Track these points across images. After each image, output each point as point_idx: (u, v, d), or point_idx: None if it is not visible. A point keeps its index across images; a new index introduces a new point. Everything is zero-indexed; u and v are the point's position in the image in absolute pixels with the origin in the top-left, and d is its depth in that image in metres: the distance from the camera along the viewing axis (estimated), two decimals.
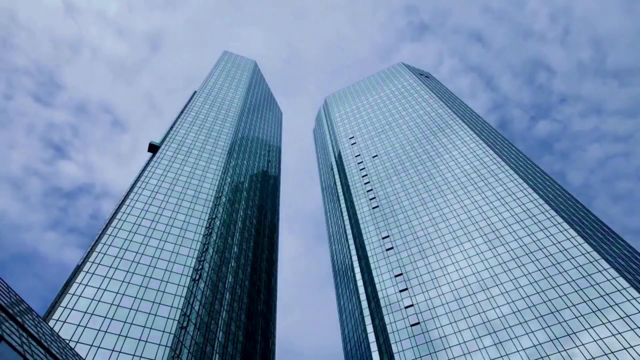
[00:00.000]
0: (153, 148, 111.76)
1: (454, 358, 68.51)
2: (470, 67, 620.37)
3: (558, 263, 74.56)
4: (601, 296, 66.25)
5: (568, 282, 70.75)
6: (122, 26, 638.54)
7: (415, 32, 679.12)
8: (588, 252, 73.66)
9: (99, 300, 64.09)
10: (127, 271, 71.15)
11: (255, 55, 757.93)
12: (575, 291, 68.83)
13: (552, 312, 67.57)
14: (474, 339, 69.80)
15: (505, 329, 68.93)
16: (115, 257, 72.95)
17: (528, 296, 71.87)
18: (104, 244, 74.82)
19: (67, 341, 56.05)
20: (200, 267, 79.55)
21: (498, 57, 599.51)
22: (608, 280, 67.88)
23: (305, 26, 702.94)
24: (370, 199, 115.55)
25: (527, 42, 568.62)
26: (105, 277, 68.45)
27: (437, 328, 74.28)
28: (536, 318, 68.03)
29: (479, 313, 73.32)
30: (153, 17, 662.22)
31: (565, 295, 69.01)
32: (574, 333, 63.28)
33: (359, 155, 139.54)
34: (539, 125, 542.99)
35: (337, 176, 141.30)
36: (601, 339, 60.96)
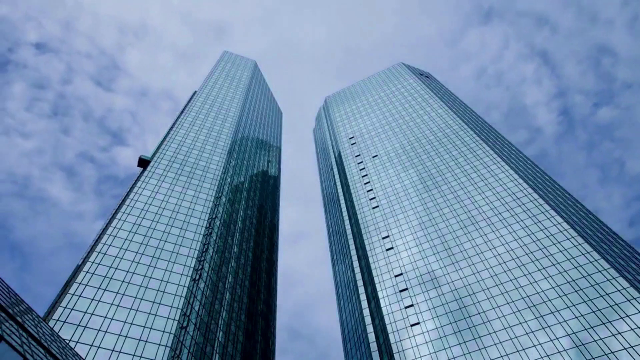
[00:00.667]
0: (143, 163, 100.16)
1: (454, 358, 68.51)
2: (535, 52, 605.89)
3: (558, 263, 74.56)
4: (601, 296, 66.25)
5: (568, 282, 70.75)
6: (186, 13, 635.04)
7: (481, 17, 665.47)
8: (588, 252, 73.66)
9: (99, 300, 64.09)
10: (127, 271, 71.15)
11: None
12: (575, 291, 68.82)
13: (552, 312, 67.58)
14: (474, 339, 69.80)
15: (505, 328, 68.93)
16: (115, 257, 72.94)
17: (528, 296, 71.87)
18: (104, 244, 74.82)
19: (67, 341, 56.05)
20: (200, 267, 79.55)
21: (564, 42, 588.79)
22: (608, 280, 67.89)
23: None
24: (370, 199, 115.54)
25: (593, 27, 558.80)
26: (105, 277, 68.44)
27: (437, 328, 74.28)
28: (536, 318, 68.02)
29: (478, 313, 73.32)
30: (218, 6, 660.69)
31: (566, 295, 69.02)
32: (574, 333, 63.28)
33: (359, 155, 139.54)
34: (601, 111, 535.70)
35: (337, 176, 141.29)
36: (601, 338, 60.97)
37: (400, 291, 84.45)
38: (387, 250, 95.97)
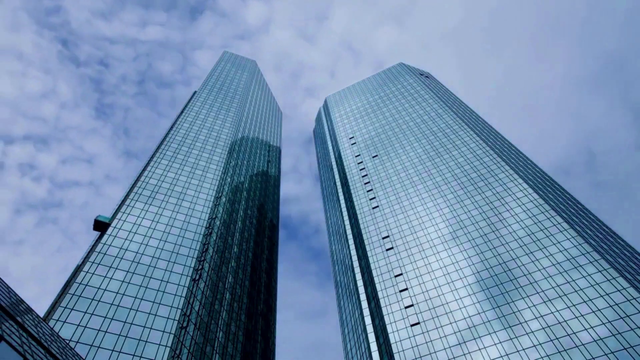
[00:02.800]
0: (100, 226, 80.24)
1: (454, 358, 68.51)
2: None
3: (558, 263, 74.56)
4: (601, 296, 66.26)
5: (568, 282, 70.75)
6: None
7: None
8: (588, 252, 73.66)
9: (99, 300, 64.10)
10: (127, 271, 71.17)
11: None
12: (575, 291, 68.83)
13: (551, 312, 67.58)
14: (474, 338, 69.81)
15: (505, 328, 68.94)
16: (115, 257, 72.95)
17: (528, 296, 71.87)
18: (104, 244, 74.83)
19: (67, 341, 56.04)
20: (200, 267, 79.55)
21: None
22: (608, 280, 67.88)
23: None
24: (370, 199, 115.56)
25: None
26: (105, 277, 68.46)
27: (437, 328, 74.29)
28: (536, 318, 68.03)
29: (478, 313, 73.33)
30: None
31: (565, 295, 69.02)
32: (574, 333, 63.29)
33: (359, 155, 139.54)
34: None
35: (337, 176, 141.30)
36: (601, 338, 60.98)
37: (400, 291, 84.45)
38: (387, 250, 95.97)
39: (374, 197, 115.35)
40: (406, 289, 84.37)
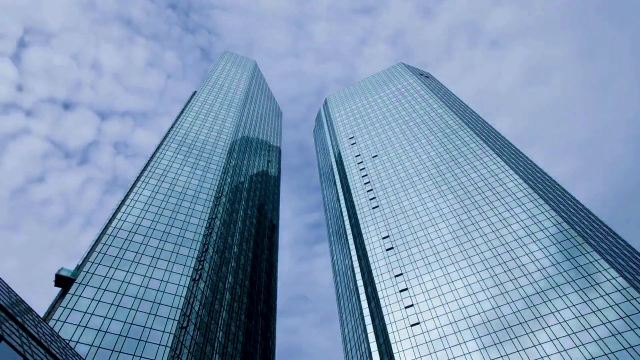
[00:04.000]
0: (62, 282, 66.34)
1: (454, 358, 68.50)
2: None
3: (558, 263, 74.56)
4: (601, 296, 66.26)
5: (568, 282, 70.76)
6: None
7: None
8: (588, 252, 73.66)
9: (99, 300, 64.10)
10: (127, 271, 71.17)
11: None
12: (575, 291, 68.83)
13: (551, 312, 67.58)
14: (474, 339, 69.81)
15: (505, 329, 68.94)
16: (115, 257, 72.96)
17: (528, 296, 71.88)
18: (104, 244, 74.84)
19: (67, 341, 56.04)
20: (200, 267, 79.56)
21: None
22: (608, 280, 67.89)
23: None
24: (370, 199, 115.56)
25: None
26: (105, 277, 68.46)
27: (437, 328, 74.29)
28: (536, 318, 68.03)
29: (479, 313, 73.33)
30: None
31: (565, 295, 69.02)
32: (574, 333, 63.29)
33: (359, 155, 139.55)
34: None
35: (337, 176, 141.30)
36: (601, 339, 60.98)
37: (400, 291, 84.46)
38: (387, 250, 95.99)
39: (374, 197, 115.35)
40: (406, 289, 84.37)
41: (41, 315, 62.47)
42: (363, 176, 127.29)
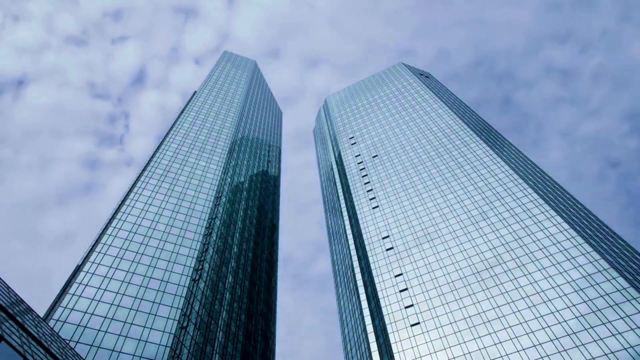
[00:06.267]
0: None
1: (454, 358, 68.49)
2: None
3: (558, 263, 74.57)
4: (601, 296, 66.26)
5: (568, 282, 70.76)
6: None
7: None
8: (588, 252, 73.67)
9: (99, 300, 64.10)
10: (127, 271, 71.17)
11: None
12: (575, 291, 68.83)
13: (552, 312, 67.58)
14: (474, 338, 69.80)
15: (505, 329, 68.94)
16: (115, 257, 72.96)
17: (528, 296, 71.87)
18: (104, 244, 74.83)
19: (67, 341, 56.04)
20: (200, 267, 79.56)
21: None
22: (608, 280, 67.89)
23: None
24: (370, 199, 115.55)
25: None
26: (105, 277, 68.46)
27: (437, 328, 74.29)
28: (536, 318, 68.03)
29: (479, 313, 73.32)
30: None
31: (565, 295, 69.02)
32: (574, 333, 63.28)
33: (359, 155, 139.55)
34: None
35: (337, 176, 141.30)
36: (601, 339, 60.98)
37: (400, 291, 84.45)
38: (387, 250, 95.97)
39: (374, 197, 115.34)
40: (406, 289, 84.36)
41: (41, 315, 62.47)
42: (363, 176, 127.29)
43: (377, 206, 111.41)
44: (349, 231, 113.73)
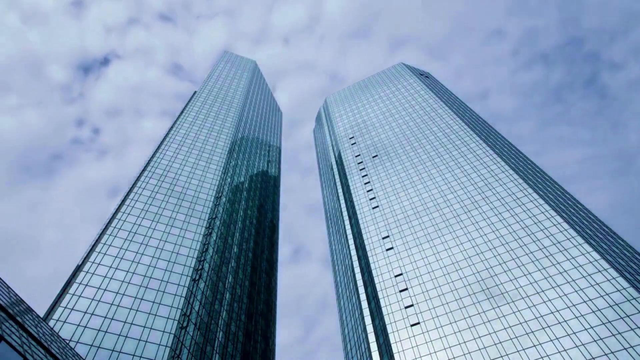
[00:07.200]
0: None
1: (454, 358, 68.49)
2: None
3: (558, 263, 74.57)
4: (601, 296, 66.26)
5: (568, 282, 70.76)
6: None
7: None
8: (588, 252, 73.68)
9: (99, 300, 64.09)
10: (127, 271, 71.17)
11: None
12: (575, 291, 68.83)
13: (551, 313, 67.58)
14: (474, 338, 69.81)
15: (505, 329, 68.94)
16: (115, 257, 72.96)
17: (528, 296, 71.87)
18: (104, 244, 74.83)
19: (67, 341, 56.05)
20: (200, 267, 79.55)
21: None
22: (608, 280, 67.89)
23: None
24: (370, 199, 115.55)
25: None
26: (105, 277, 68.46)
27: (437, 328, 74.28)
28: (536, 318, 68.03)
29: (479, 313, 73.32)
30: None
31: (565, 295, 69.02)
32: (574, 333, 63.29)
33: (359, 155, 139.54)
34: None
35: (337, 176, 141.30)
36: (601, 339, 60.97)
37: (400, 291, 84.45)
38: (387, 250, 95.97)
39: (374, 197, 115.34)
40: (406, 289, 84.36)
41: (41, 315, 62.46)
42: (363, 176, 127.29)
43: (377, 206, 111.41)
44: (349, 231, 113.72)
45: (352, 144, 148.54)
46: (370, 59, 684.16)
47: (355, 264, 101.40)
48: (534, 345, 64.44)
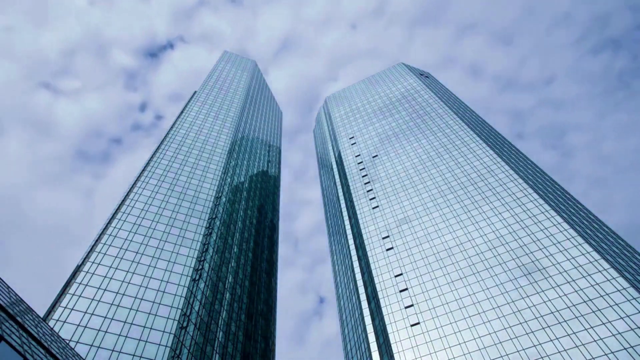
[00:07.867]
0: None
1: (454, 358, 68.50)
2: None
3: (558, 263, 74.57)
4: (601, 296, 66.27)
5: (568, 282, 70.76)
6: None
7: None
8: (588, 252, 73.67)
9: (99, 300, 64.10)
10: (127, 271, 71.16)
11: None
12: (575, 291, 68.83)
13: (551, 313, 67.58)
14: (474, 339, 69.81)
15: (505, 328, 68.95)
16: (115, 257, 72.95)
17: (528, 296, 71.88)
18: (104, 244, 74.83)
19: (67, 341, 56.05)
20: (200, 267, 79.55)
21: None
22: (608, 280, 67.90)
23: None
24: (370, 199, 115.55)
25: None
26: (105, 277, 68.46)
27: (437, 328, 74.29)
28: (536, 318, 68.03)
29: (479, 313, 73.33)
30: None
31: (565, 295, 69.02)
32: (574, 333, 63.29)
33: (359, 155, 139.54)
34: None
35: (337, 176, 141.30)
36: (601, 339, 60.98)
37: (400, 291, 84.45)
38: (387, 250, 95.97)
39: (374, 197, 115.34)
40: (406, 289, 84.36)
41: (41, 315, 62.47)
42: (363, 176, 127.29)
43: (377, 206, 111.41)
44: (349, 231, 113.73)
45: (352, 144, 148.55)
46: (437, 45, 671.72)
47: (355, 264, 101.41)
48: (534, 345, 64.45)
